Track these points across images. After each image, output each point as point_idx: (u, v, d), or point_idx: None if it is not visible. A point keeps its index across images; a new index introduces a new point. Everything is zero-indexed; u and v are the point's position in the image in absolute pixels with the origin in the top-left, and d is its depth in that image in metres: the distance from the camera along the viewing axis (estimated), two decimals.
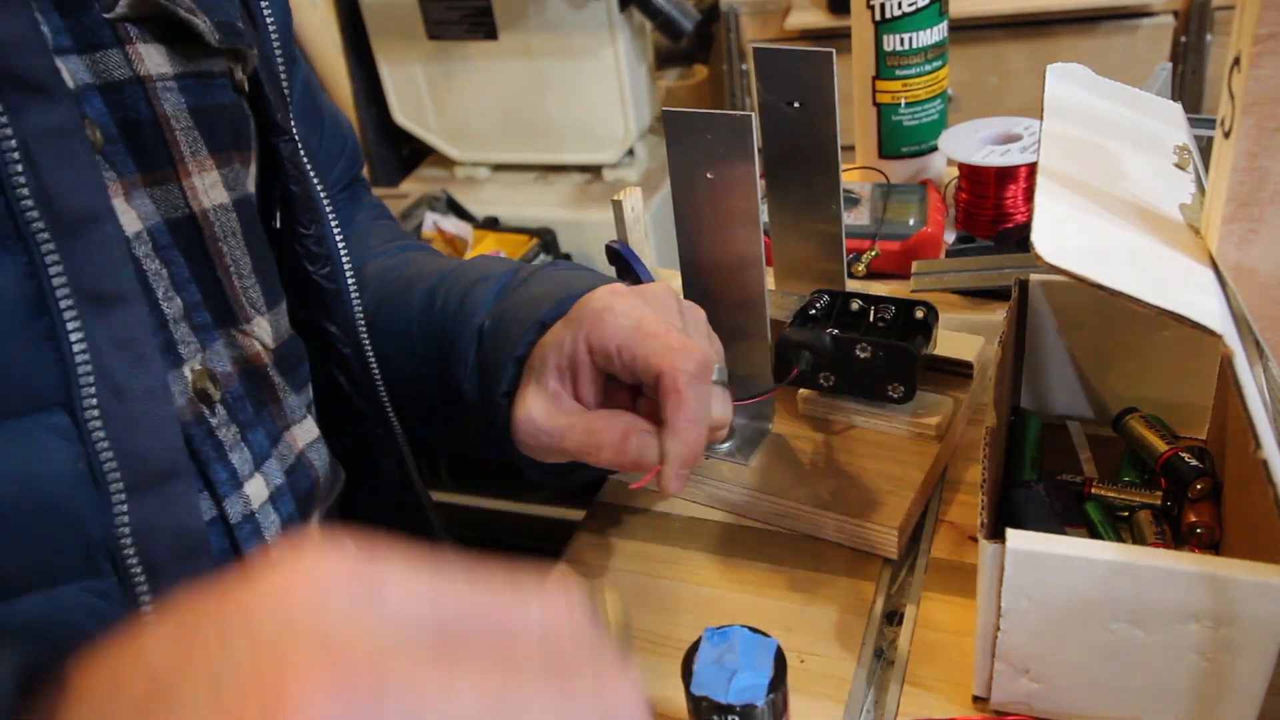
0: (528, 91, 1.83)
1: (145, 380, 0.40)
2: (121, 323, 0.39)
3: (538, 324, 0.54)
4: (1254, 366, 0.40)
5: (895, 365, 0.57)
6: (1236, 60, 0.41)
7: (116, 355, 0.39)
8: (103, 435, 0.38)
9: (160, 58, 0.44)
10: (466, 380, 0.57)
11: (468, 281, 0.60)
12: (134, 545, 0.39)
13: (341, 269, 0.55)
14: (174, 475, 0.40)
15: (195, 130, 0.45)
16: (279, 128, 0.51)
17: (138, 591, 0.39)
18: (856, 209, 0.85)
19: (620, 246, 0.70)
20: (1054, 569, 0.41)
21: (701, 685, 0.40)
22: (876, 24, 0.87)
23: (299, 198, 0.52)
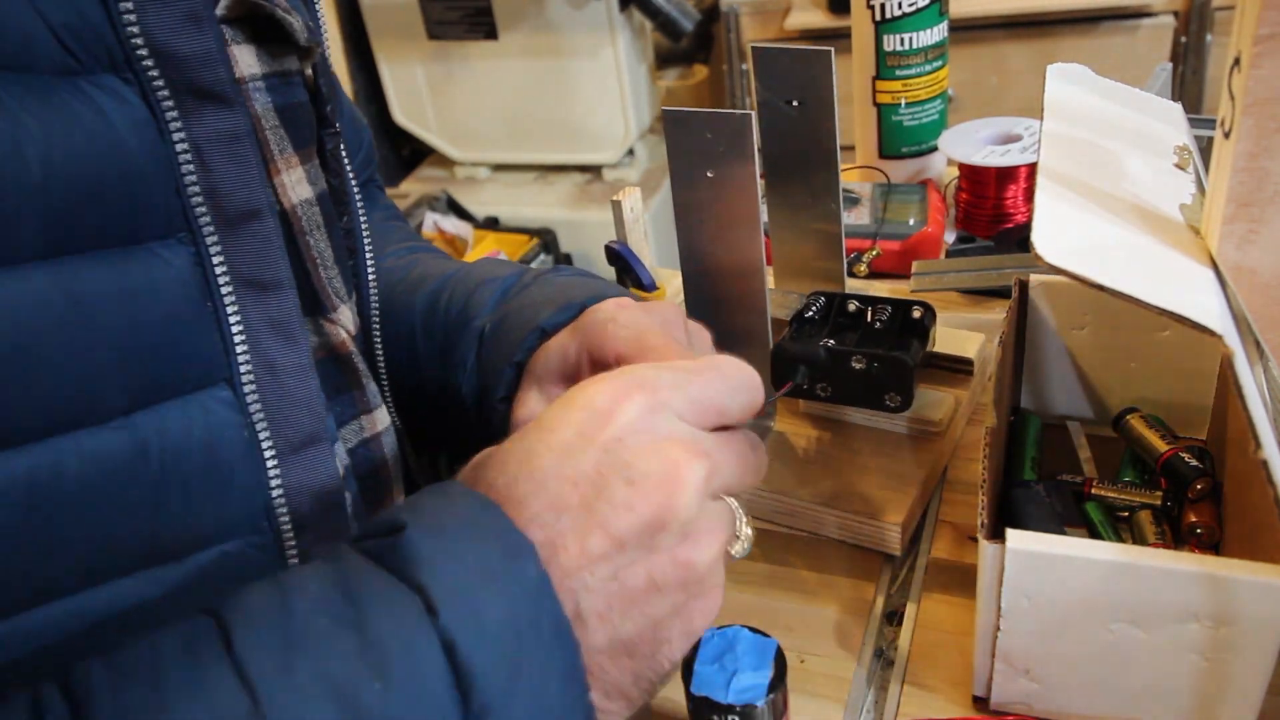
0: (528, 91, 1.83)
1: (295, 358, 0.44)
2: (276, 307, 0.43)
3: (538, 330, 0.54)
4: (1254, 366, 0.40)
5: (891, 376, 0.57)
6: (1236, 60, 0.41)
7: (270, 336, 0.43)
8: (259, 407, 0.42)
9: (251, 58, 0.45)
10: (465, 382, 0.57)
11: (471, 284, 0.60)
12: (286, 503, 0.43)
13: (365, 266, 0.57)
14: (317, 441, 0.45)
15: (281, 129, 0.47)
16: (327, 121, 0.52)
17: (287, 545, 0.44)
18: (856, 208, 0.85)
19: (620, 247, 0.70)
20: (1054, 569, 0.41)
21: (701, 685, 0.40)
22: (876, 24, 0.87)
23: (336, 190, 0.53)
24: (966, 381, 0.64)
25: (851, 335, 0.60)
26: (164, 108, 0.39)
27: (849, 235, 0.79)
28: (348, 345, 0.51)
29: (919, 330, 0.59)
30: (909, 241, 0.80)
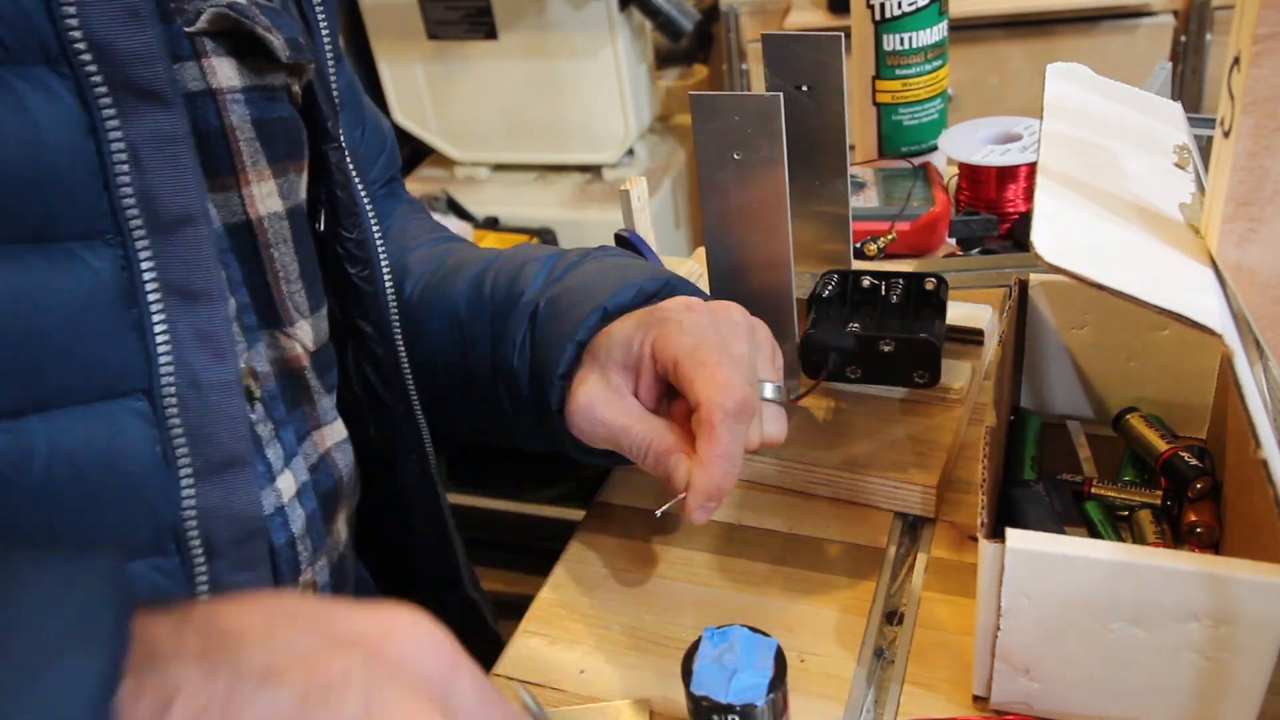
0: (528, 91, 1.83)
1: (221, 373, 0.42)
2: (206, 318, 0.42)
3: (600, 309, 0.54)
4: (1254, 366, 0.40)
5: (919, 355, 0.59)
6: (1236, 60, 0.41)
7: (197, 349, 0.41)
8: (178, 422, 0.41)
9: (231, 71, 0.46)
10: (518, 359, 0.57)
11: (516, 264, 0.61)
12: (198, 527, 0.42)
13: (380, 271, 0.57)
14: (239, 463, 0.43)
15: (257, 141, 0.47)
16: (329, 135, 0.53)
17: (197, 572, 0.42)
18: (863, 192, 0.85)
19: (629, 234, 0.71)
20: (1054, 569, 0.41)
21: (701, 685, 0.40)
22: (876, 24, 0.87)
23: (343, 202, 0.54)
24: (978, 351, 0.66)
25: (869, 311, 0.61)
26: (101, 105, 0.38)
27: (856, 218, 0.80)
28: (301, 360, 0.51)
29: (935, 302, 0.61)
30: (920, 221, 0.80)
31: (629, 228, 0.71)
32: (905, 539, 0.58)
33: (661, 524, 0.61)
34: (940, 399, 0.62)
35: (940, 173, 0.88)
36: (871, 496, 0.59)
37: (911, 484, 0.58)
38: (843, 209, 0.68)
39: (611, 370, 0.53)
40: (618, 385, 0.53)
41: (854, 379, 0.61)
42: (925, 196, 0.82)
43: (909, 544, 0.57)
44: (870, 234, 0.80)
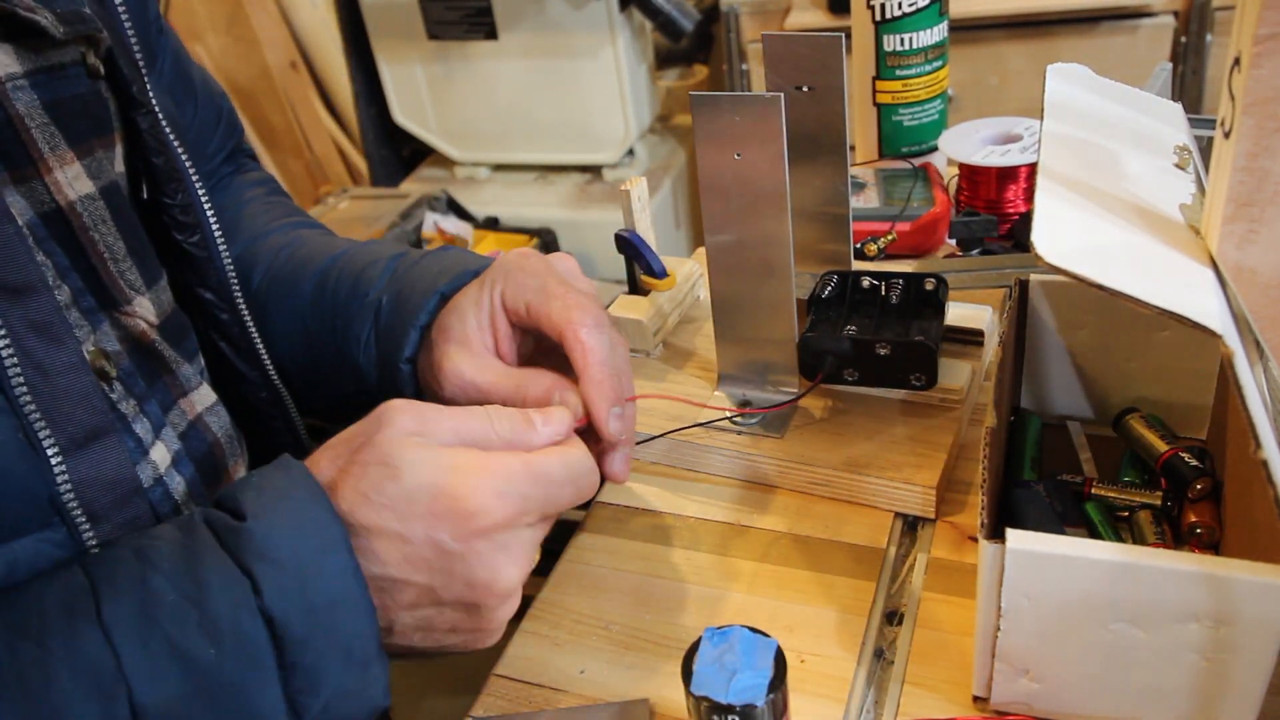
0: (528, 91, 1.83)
1: (64, 357, 0.44)
2: (36, 309, 0.43)
3: (438, 294, 0.57)
4: (1254, 366, 0.40)
5: (916, 358, 0.59)
6: (1236, 60, 0.41)
7: (34, 338, 0.43)
8: (34, 408, 0.42)
9: (7, 58, 0.45)
10: (363, 356, 0.59)
11: (358, 265, 0.62)
12: (76, 498, 0.44)
13: (211, 236, 0.57)
14: (103, 434, 0.45)
15: (52, 125, 0.46)
16: (136, 102, 0.52)
17: (85, 538, 0.44)
18: (863, 193, 0.85)
19: (629, 234, 0.71)
20: (1054, 569, 0.41)
21: (701, 685, 0.40)
22: (876, 24, 0.87)
23: (161, 169, 0.54)
24: (978, 352, 0.66)
25: (868, 313, 0.62)
26: None
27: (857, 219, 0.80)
28: (149, 335, 0.51)
29: (934, 303, 0.61)
30: (921, 221, 0.80)
31: (629, 228, 0.71)
32: (905, 539, 0.58)
33: (662, 524, 0.62)
34: (940, 399, 0.62)
35: (940, 173, 0.88)
36: (871, 496, 0.59)
37: (911, 484, 0.58)
38: (843, 209, 0.68)
39: (469, 334, 0.55)
40: (478, 348, 0.55)
41: (851, 381, 0.61)
42: (925, 197, 0.82)
43: (909, 544, 0.57)
44: (870, 234, 0.80)
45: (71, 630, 0.39)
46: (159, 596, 0.40)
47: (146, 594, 0.40)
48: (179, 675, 0.39)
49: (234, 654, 0.39)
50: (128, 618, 0.39)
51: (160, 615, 0.39)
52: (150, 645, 0.39)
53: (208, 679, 0.39)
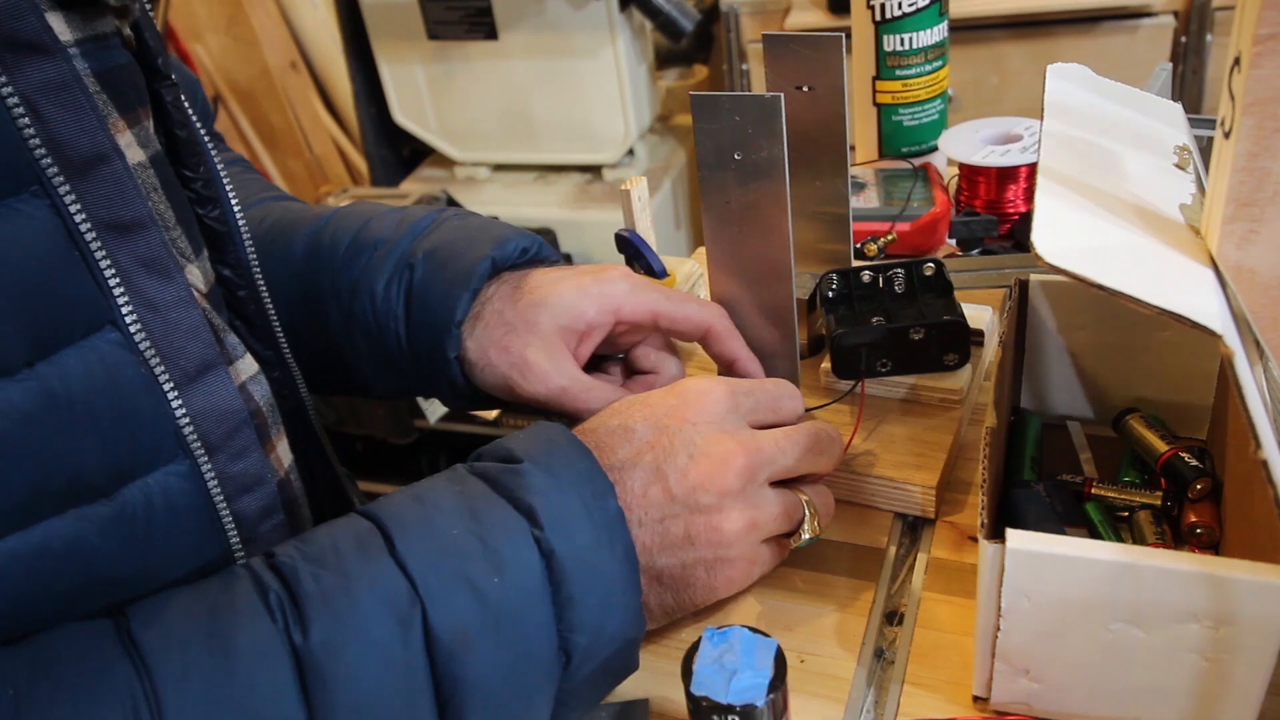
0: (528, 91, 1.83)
1: (173, 292, 0.45)
2: (144, 246, 0.44)
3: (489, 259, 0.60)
4: (1254, 366, 0.40)
5: (949, 337, 0.60)
6: (1236, 60, 0.41)
7: (144, 275, 0.44)
8: (148, 344, 0.43)
9: (61, 25, 0.45)
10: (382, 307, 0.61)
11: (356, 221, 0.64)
12: (194, 430, 0.45)
13: (231, 211, 0.57)
14: (213, 367, 0.46)
15: (104, 94, 0.46)
16: (160, 73, 0.52)
17: (204, 469, 0.46)
18: (864, 193, 0.85)
19: (630, 234, 0.71)
20: (1054, 569, 0.41)
21: (701, 685, 0.40)
22: (876, 24, 0.87)
23: (185, 142, 0.54)
24: (978, 352, 0.66)
25: (880, 304, 0.62)
26: None
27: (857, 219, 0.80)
28: (201, 302, 0.51)
29: (941, 284, 0.62)
30: (921, 221, 0.80)
31: (629, 228, 0.71)
32: (905, 539, 0.58)
33: None
34: (940, 399, 0.62)
35: (940, 173, 0.88)
36: (871, 496, 0.59)
37: (911, 484, 0.58)
38: (843, 209, 0.68)
39: (555, 336, 0.59)
40: (561, 350, 0.59)
41: (885, 372, 0.61)
42: (925, 197, 0.82)
43: (909, 544, 0.57)
44: (870, 234, 0.80)
45: (368, 562, 0.43)
46: (445, 532, 0.44)
47: (433, 531, 0.44)
48: (467, 602, 0.43)
49: (515, 584, 0.44)
50: (419, 551, 0.43)
51: (448, 547, 0.44)
52: (441, 573, 0.43)
53: (492, 608, 0.43)
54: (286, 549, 0.44)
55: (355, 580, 0.42)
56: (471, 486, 0.47)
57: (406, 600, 0.42)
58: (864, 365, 0.61)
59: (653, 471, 0.49)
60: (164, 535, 0.44)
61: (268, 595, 0.41)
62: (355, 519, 0.46)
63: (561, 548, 0.45)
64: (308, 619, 0.41)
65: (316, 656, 0.40)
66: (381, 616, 0.41)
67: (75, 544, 0.41)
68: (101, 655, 0.39)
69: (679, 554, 0.50)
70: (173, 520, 0.44)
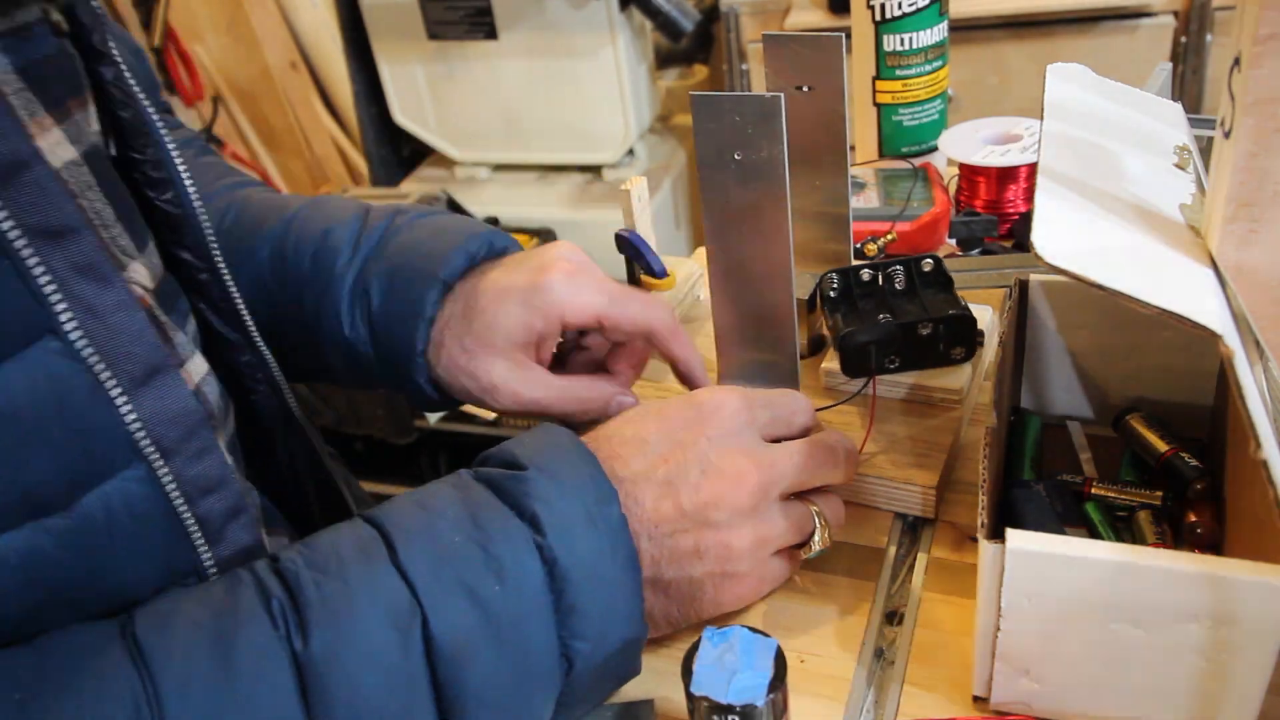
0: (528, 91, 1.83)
1: (112, 296, 0.43)
2: (77, 251, 0.42)
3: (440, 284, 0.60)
4: (1254, 366, 0.40)
5: (957, 331, 0.60)
6: (1236, 60, 0.41)
7: (80, 281, 0.42)
8: (90, 350, 0.42)
9: None
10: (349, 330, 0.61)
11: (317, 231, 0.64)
12: (146, 434, 0.44)
13: (185, 192, 0.55)
14: (162, 369, 0.45)
15: (27, 90, 0.45)
16: (99, 53, 0.50)
17: (160, 473, 0.45)
18: (864, 193, 0.85)
19: (629, 234, 0.71)
20: (1054, 569, 0.41)
21: (701, 685, 0.40)
22: (876, 24, 0.87)
23: (129, 123, 0.52)
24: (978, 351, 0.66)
25: (883, 302, 0.62)
26: None
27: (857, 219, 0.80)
28: (147, 300, 0.50)
29: (941, 279, 0.62)
30: (921, 221, 0.80)
31: (629, 228, 0.71)
32: (905, 539, 0.58)
33: None
34: (940, 399, 0.62)
35: (940, 173, 0.88)
36: (871, 497, 0.59)
37: (911, 484, 0.58)
38: (843, 209, 0.68)
39: (514, 351, 0.59)
40: (527, 363, 0.60)
41: (893, 369, 0.61)
42: (925, 197, 0.82)
43: (909, 544, 0.57)
44: (870, 234, 0.80)
45: (370, 569, 0.43)
46: (446, 539, 0.44)
47: (435, 538, 0.44)
48: (468, 609, 0.43)
49: (516, 592, 0.44)
50: (421, 558, 0.43)
51: (449, 555, 0.44)
52: (442, 581, 0.43)
53: (493, 616, 0.43)
54: (290, 554, 0.44)
55: (356, 588, 0.42)
56: (474, 493, 0.47)
57: (407, 608, 0.42)
58: (874, 363, 0.61)
59: (665, 486, 0.49)
60: (126, 543, 0.44)
61: (270, 602, 0.41)
62: (359, 524, 0.46)
63: (564, 555, 0.45)
64: (309, 626, 0.41)
65: (317, 664, 0.40)
66: (382, 624, 0.41)
67: (33, 557, 0.40)
68: (105, 659, 0.39)
69: (687, 568, 0.49)
70: (135, 527, 0.44)
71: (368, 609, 0.42)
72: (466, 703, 0.43)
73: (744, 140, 0.55)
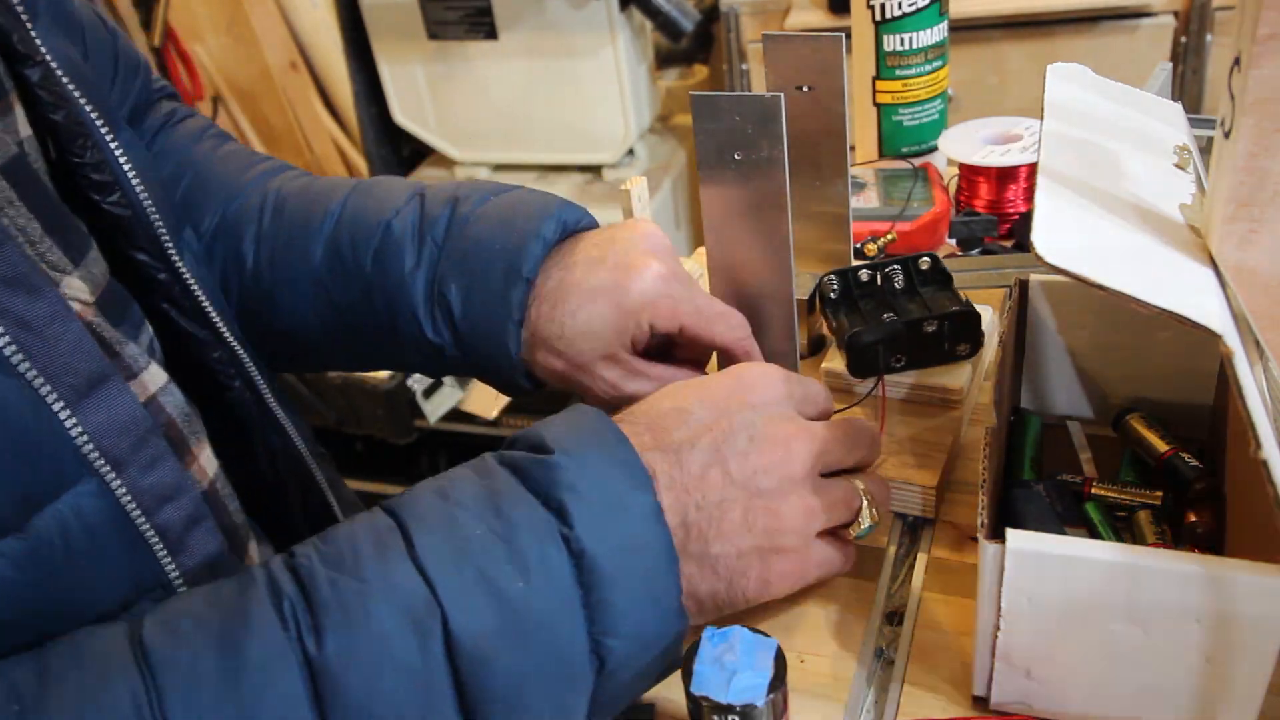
0: (528, 91, 1.83)
1: (44, 307, 0.42)
2: (3, 262, 0.41)
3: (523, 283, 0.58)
4: (1254, 366, 0.40)
5: (962, 328, 0.61)
6: (1236, 60, 0.41)
7: (9, 293, 0.41)
8: (27, 365, 0.41)
9: None
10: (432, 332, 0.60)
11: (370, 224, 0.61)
12: (94, 447, 0.43)
13: (132, 191, 0.53)
14: (103, 380, 0.44)
15: None
16: (20, 54, 0.49)
17: (113, 484, 0.43)
18: (863, 193, 0.85)
19: None
20: (1054, 569, 0.41)
21: (701, 685, 0.40)
22: (876, 24, 0.87)
23: (63, 126, 0.50)
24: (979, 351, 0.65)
25: (884, 301, 0.62)
26: None
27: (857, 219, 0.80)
28: (86, 315, 0.48)
29: (940, 276, 0.62)
30: (921, 221, 0.80)
31: None
32: (905, 539, 0.58)
33: None
34: (940, 399, 0.62)
35: (940, 173, 0.88)
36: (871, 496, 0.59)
37: (911, 484, 0.58)
38: (843, 209, 0.68)
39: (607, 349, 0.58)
40: (621, 357, 0.59)
41: (899, 367, 0.61)
42: (925, 197, 0.82)
43: (909, 544, 0.57)
44: (870, 234, 0.80)
45: (386, 565, 0.41)
46: (467, 531, 0.42)
47: (454, 529, 0.42)
48: (491, 607, 0.40)
49: (542, 588, 0.41)
50: (439, 551, 0.41)
51: (470, 549, 0.41)
52: (463, 577, 0.40)
53: (518, 613, 0.40)
54: (306, 549, 0.42)
55: (372, 585, 0.40)
56: (498, 481, 0.44)
57: (425, 606, 0.40)
58: (881, 362, 0.61)
59: (712, 453, 0.47)
60: (87, 560, 0.42)
61: (282, 602, 0.40)
62: (378, 514, 0.44)
63: (593, 547, 0.42)
64: (322, 628, 0.39)
65: (331, 667, 0.39)
66: (399, 624, 0.40)
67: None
68: (109, 661, 0.38)
69: (734, 541, 0.46)
70: (92, 543, 0.42)
71: (384, 609, 0.40)
72: (491, 705, 0.40)
73: (744, 140, 0.55)
